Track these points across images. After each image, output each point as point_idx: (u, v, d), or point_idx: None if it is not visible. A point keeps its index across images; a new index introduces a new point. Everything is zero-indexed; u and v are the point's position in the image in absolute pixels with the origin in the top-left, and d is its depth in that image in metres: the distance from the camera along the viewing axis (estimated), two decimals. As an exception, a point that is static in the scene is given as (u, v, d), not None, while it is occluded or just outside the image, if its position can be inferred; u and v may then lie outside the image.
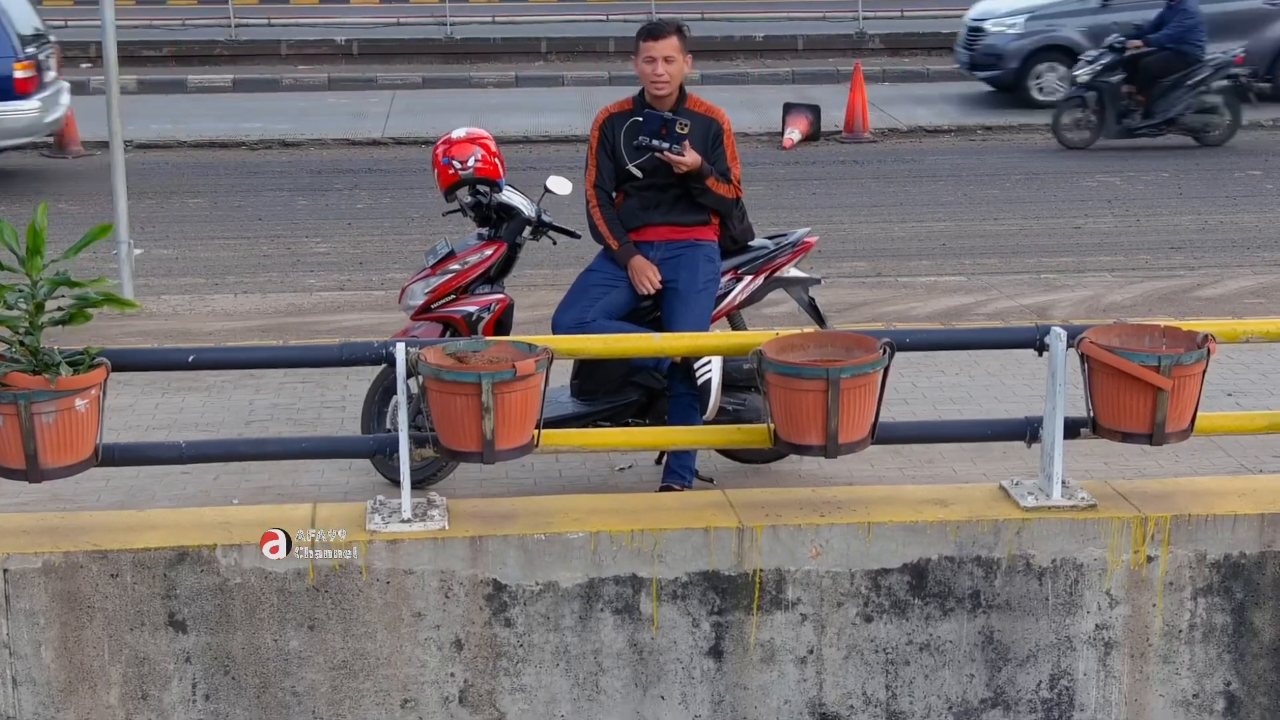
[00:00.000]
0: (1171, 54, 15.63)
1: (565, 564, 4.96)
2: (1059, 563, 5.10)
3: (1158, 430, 4.95)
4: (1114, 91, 15.71)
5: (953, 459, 6.71)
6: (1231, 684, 5.25)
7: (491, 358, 4.90)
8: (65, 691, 4.89)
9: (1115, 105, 15.72)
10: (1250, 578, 5.17)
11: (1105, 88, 15.71)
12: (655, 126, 6.03)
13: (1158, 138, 15.82)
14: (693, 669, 5.08)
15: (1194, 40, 15.63)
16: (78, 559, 4.81)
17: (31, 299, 4.65)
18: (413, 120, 17.63)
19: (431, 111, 17.98)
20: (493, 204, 6.44)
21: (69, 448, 4.72)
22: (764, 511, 5.09)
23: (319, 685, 4.97)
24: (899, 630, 5.12)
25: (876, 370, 4.91)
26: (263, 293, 10.28)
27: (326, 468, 6.59)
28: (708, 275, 6.15)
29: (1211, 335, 5.01)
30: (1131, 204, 13.57)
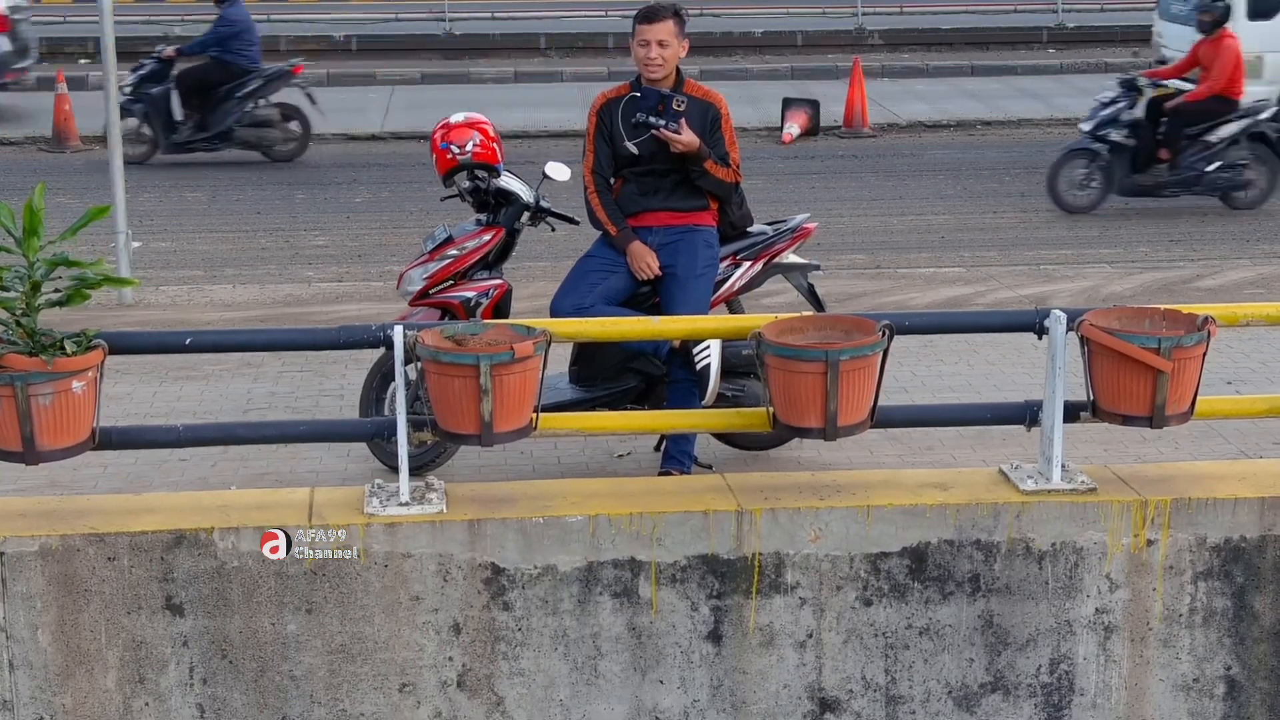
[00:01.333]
0: (215, 63, 14.78)
1: (564, 547, 4.94)
2: (1059, 546, 5.08)
3: (1158, 413, 4.93)
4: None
5: (952, 446, 6.70)
6: (1232, 668, 5.23)
7: (490, 340, 4.89)
8: (62, 675, 4.87)
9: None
10: (1250, 561, 5.15)
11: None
12: (653, 103, 6.02)
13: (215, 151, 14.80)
14: (691, 653, 5.07)
15: (237, 49, 14.65)
16: (74, 542, 4.79)
17: (28, 279, 4.63)
18: (411, 115, 17.60)
19: (430, 107, 17.92)
20: (491, 189, 6.43)
21: (66, 430, 4.70)
22: (763, 495, 5.08)
23: (317, 669, 4.95)
24: (898, 614, 5.10)
25: (876, 353, 4.89)
26: (261, 284, 10.28)
27: (324, 455, 6.58)
28: (706, 260, 6.14)
29: (1212, 318, 4.99)
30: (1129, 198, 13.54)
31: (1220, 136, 12.63)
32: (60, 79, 16.73)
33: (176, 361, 7.69)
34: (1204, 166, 12.63)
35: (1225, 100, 12.69)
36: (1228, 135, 12.63)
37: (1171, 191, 12.83)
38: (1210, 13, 12.81)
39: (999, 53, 22.44)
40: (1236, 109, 12.73)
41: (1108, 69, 20.95)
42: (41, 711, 4.88)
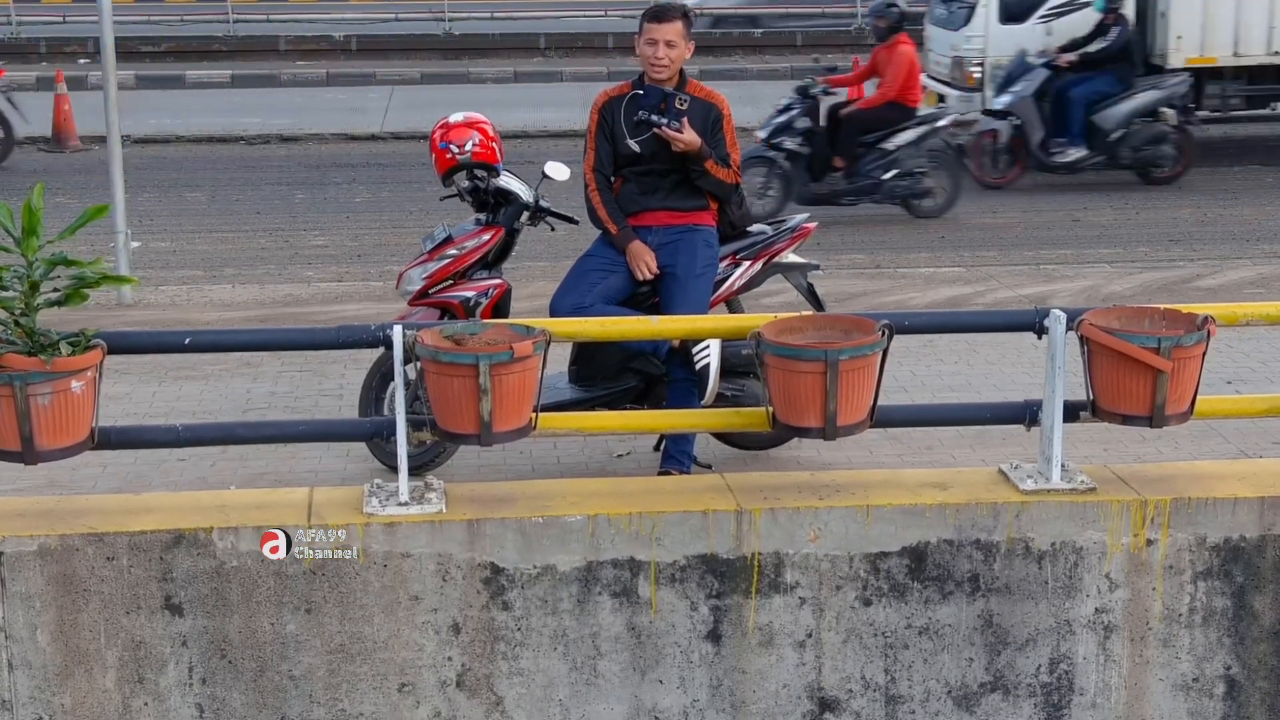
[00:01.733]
0: None
1: (563, 547, 4.94)
2: (1058, 546, 5.08)
3: (1157, 412, 4.93)
4: None
5: (951, 446, 6.70)
6: (1231, 668, 5.23)
7: (489, 340, 4.88)
8: (61, 675, 4.86)
9: None
10: (1250, 561, 5.15)
11: None
12: (655, 101, 6.02)
13: None
14: (691, 653, 5.06)
15: None
16: (74, 542, 4.79)
17: (27, 279, 4.62)
18: (411, 115, 17.61)
19: (430, 107, 17.91)
20: (490, 189, 6.42)
21: (65, 429, 4.70)
22: (762, 495, 5.07)
23: (316, 669, 4.95)
24: (898, 614, 5.09)
25: (875, 352, 4.89)
26: (260, 284, 10.28)
27: (324, 454, 6.58)
28: (706, 260, 6.14)
29: (1211, 317, 4.99)
30: (1130, 198, 13.57)
31: (896, 144, 12.45)
32: (60, 79, 16.74)
33: (175, 361, 7.69)
34: (880, 174, 12.47)
35: (901, 107, 12.56)
36: (903, 143, 12.45)
37: (849, 200, 12.66)
38: (885, 18, 12.73)
39: (998, 53, 22.40)
40: (913, 116, 12.60)
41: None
42: (40, 711, 4.87)
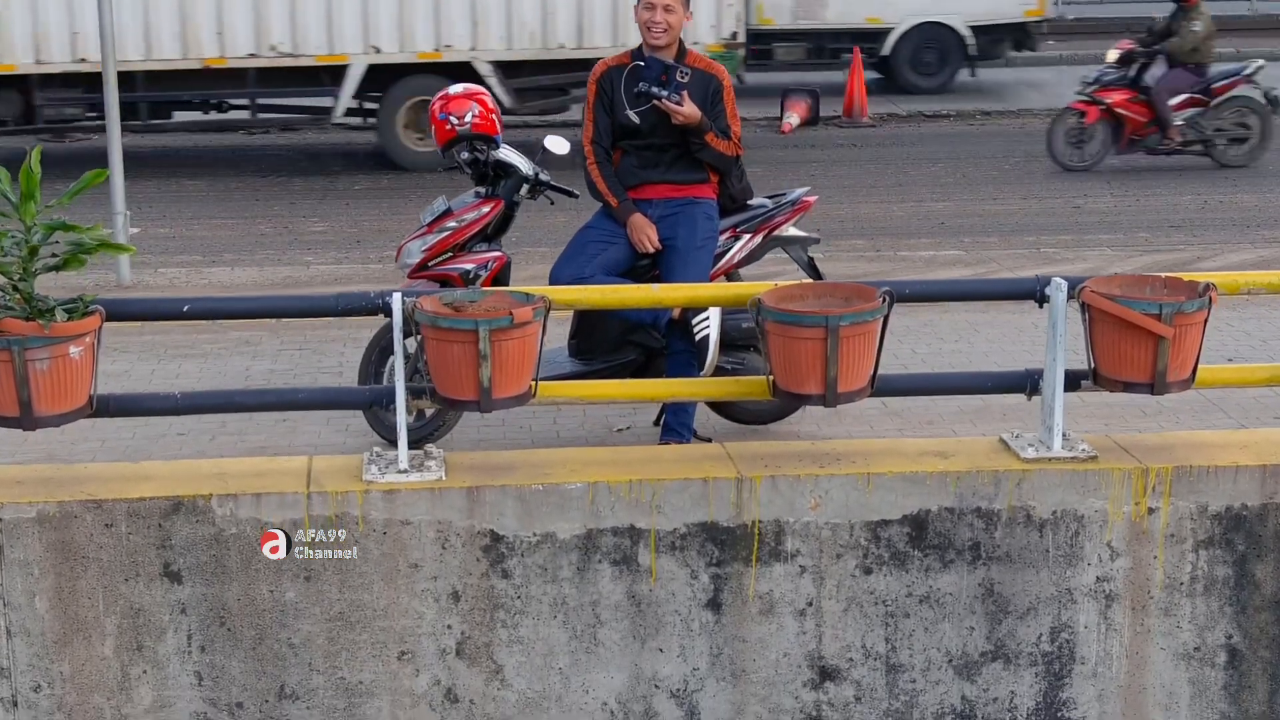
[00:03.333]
0: None
1: (563, 515, 4.93)
2: (1059, 514, 5.06)
3: (1159, 380, 4.91)
4: None
5: (952, 420, 6.68)
6: (1233, 637, 5.21)
7: (489, 307, 4.87)
8: (60, 643, 4.85)
9: None
10: (1252, 530, 5.13)
11: None
12: (656, 73, 6.00)
13: None
14: (691, 621, 5.05)
15: None
16: (72, 509, 4.77)
17: (25, 244, 4.61)
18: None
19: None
20: (490, 161, 6.41)
21: (63, 395, 4.68)
22: (763, 463, 5.06)
23: (315, 637, 4.93)
24: (898, 582, 5.08)
25: (876, 319, 4.87)
26: (260, 267, 10.27)
27: (323, 429, 6.57)
28: (706, 233, 6.12)
29: (1213, 284, 4.98)
30: (1130, 184, 13.56)
31: None
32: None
33: (175, 339, 7.69)
34: None
35: None
36: None
37: None
38: None
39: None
40: None
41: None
42: (39, 679, 4.86)
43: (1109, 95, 13.53)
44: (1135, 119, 13.56)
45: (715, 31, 14.11)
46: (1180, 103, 13.58)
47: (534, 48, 13.99)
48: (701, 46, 13.49)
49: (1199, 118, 13.68)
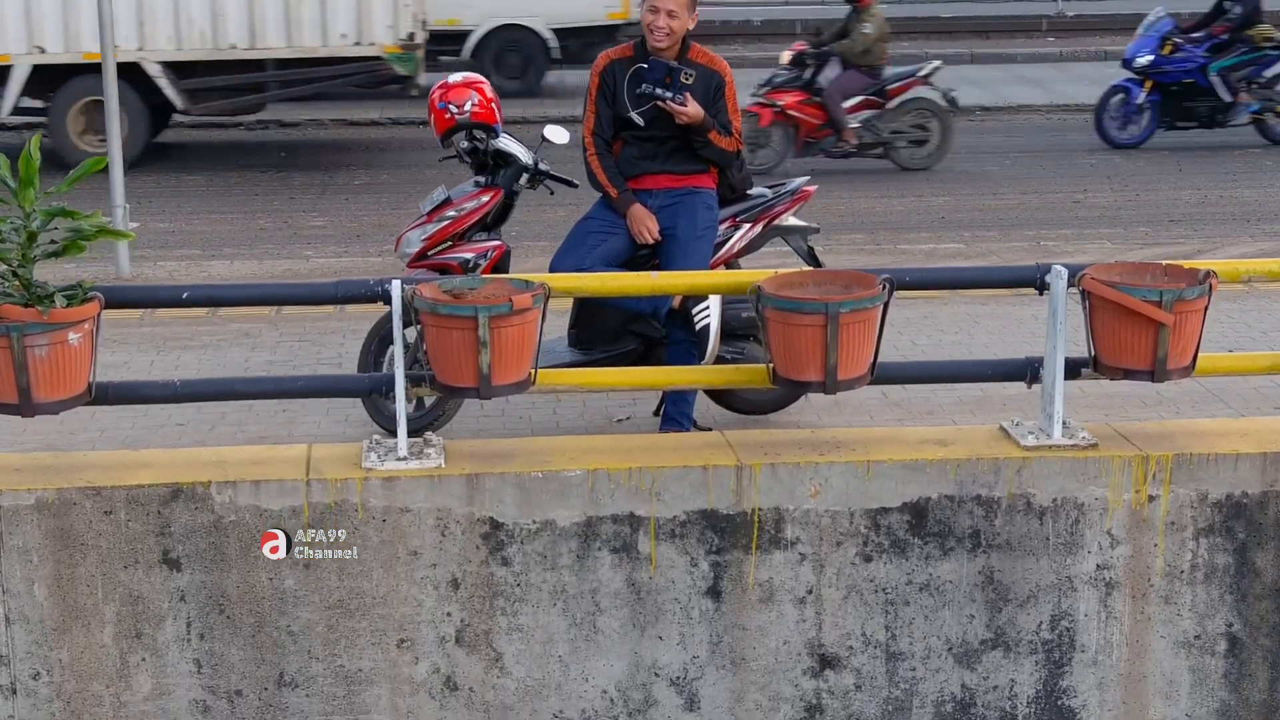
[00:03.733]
0: None
1: (563, 502, 4.92)
2: (1060, 502, 5.06)
3: (1159, 366, 4.91)
4: None
5: (952, 411, 6.67)
6: (1233, 625, 5.21)
7: (488, 294, 4.86)
8: (59, 630, 4.84)
9: None
10: (1252, 517, 5.13)
11: None
12: (660, 75, 5.99)
13: None
14: (691, 609, 5.04)
15: None
16: (71, 496, 4.77)
17: (24, 230, 4.60)
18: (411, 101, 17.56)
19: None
20: (489, 150, 6.40)
21: (62, 382, 4.67)
22: (763, 450, 5.05)
23: (314, 624, 4.93)
24: (898, 570, 5.07)
25: (876, 306, 4.87)
26: (259, 261, 10.25)
27: (323, 420, 6.55)
28: (706, 222, 6.11)
29: (1213, 272, 4.97)
30: (1130, 180, 13.55)
31: None
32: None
33: (174, 331, 7.68)
34: None
35: None
36: None
37: None
38: None
39: (999, 41, 22.43)
40: None
41: (1107, 57, 20.97)
42: (38, 666, 4.85)
43: (781, 97, 13.27)
44: (809, 121, 13.31)
45: (393, 32, 13.86)
46: (855, 105, 13.34)
47: (205, 48, 13.62)
48: (378, 47, 13.47)
49: (875, 120, 13.46)
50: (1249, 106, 14.54)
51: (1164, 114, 14.60)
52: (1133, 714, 5.23)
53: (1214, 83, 14.38)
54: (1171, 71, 14.36)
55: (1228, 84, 14.41)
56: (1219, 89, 14.40)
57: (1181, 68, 14.40)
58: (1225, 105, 14.51)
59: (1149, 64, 14.40)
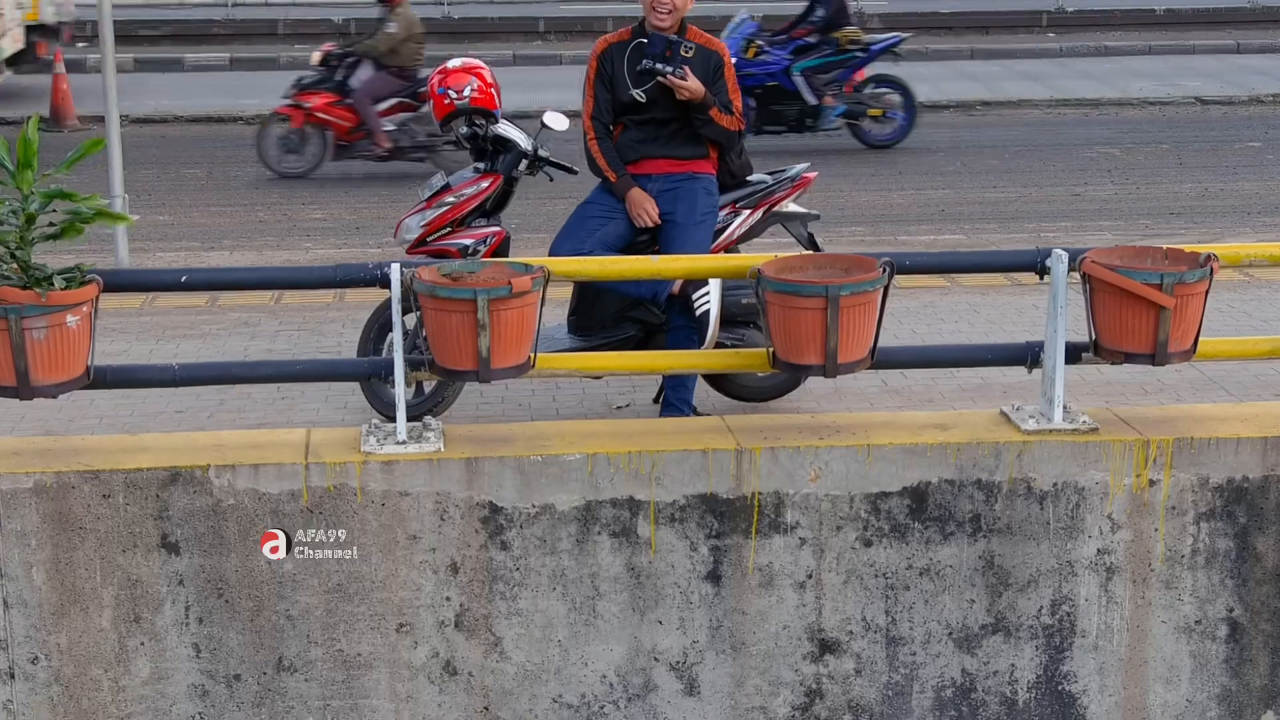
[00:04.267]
0: None
1: (562, 486, 4.91)
2: (1060, 486, 5.05)
3: (1160, 349, 4.89)
4: None
5: (952, 399, 6.67)
6: (1234, 610, 5.20)
7: (487, 277, 4.85)
8: (57, 614, 4.83)
9: None
10: (1253, 502, 5.11)
11: None
12: (659, 49, 5.98)
13: None
14: (690, 593, 5.03)
15: None
16: (69, 479, 4.75)
17: (23, 212, 4.59)
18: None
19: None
20: (488, 135, 6.39)
21: (60, 364, 4.66)
22: (763, 435, 5.04)
23: (313, 609, 4.91)
24: (899, 555, 5.06)
25: (876, 289, 4.86)
26: (259, 252, 10.24)
27: (321, 407, 6.55)
28: (706, 208, 6.10)
29: (1214, 255, 4.96)
30: (1131, 173, 13.53)
31: None
32: (59, 59, 16.69)
33: (173, 320, 7.67)
34: None
35: None
36: None
37: None
38: None
39: (998, 37, 22.39)
40: None
41: (1107, 52, 20.96)
42: (36, 650, 4.84)
43: (309, 99, 13.03)
44: (340, 124, 13.03)
45: None
46: (388, 108, 13.06)
47: None
48: None
49: (411, 122, 13.13)
50: (836, 110, 14.03)
51: (755, 118, 14.05)
52: (1133, 699, 5.22)
53: (798, 85, 13.97)
54: (755, 74, 13.86)
55: (812, 86, 13.99)
56: (804, 91, 13.96)
57: (765, 70, 13.98)
58: (813, 109, 14.00)
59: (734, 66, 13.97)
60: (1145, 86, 18.06)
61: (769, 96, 14.04)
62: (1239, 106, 16.34)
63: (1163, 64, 19.89)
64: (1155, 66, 19.66)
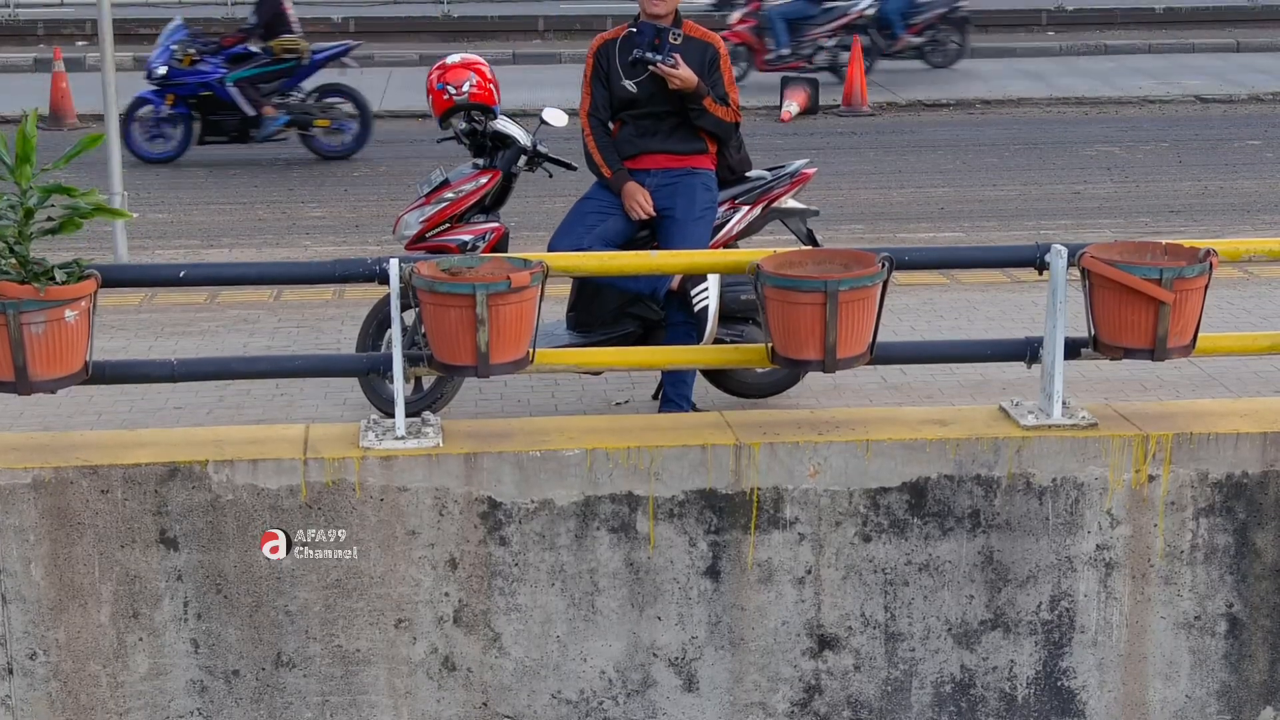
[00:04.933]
0: None
1: (561, 481, 4.90)
2: (1059, 482, 5.04)
3: (1159, 345, 4.89)
4: None
5: (952, 394, 6.67)
6: (1234, 606, 5.19)
7: (486, 272, 4.85)
8: (55, 610, 4.83)
9: None
10: (1253, 497, 5.11)
11: None
12: (649, 37, 5.99)
13: None
14: (689, 589, 5.03)
15: None
16: (68, 475, 4.75)
17: (22, 207, 4.58)
18: (409, 95, 17.53)
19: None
20: (487, 131, 6.39)
21: (59, 359, 4.66)
22: (761, 430, 5.04)
23: (312, 604, 4.91)
24: (898, 550, 5.06)
25: (875, 284, 4.85)
26: (258, 250, 10.25)
27: (320, 403, 6.54)
28: (705, 203, 6.10)
29: (1214, 250, 4.96)
30: (1131, 171, 13.55)
31: None
32: (58, 57, 16.71)
33: (172, 317, 7.67)
34: None
35: None
36: None
37: None
38: None
39: (998, 35, 22.39)
40: None
41: (1107, 50, 20.97)
42: (34, 646, 4.84)
43: None
44: None
45: None
46: None
47: None
48: None
49: None
50: (277, 120, 13.84)
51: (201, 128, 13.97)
52: (1132, 695, 5.22)
53: (233, 95, 13.70)
54: (189, 84, 13.69)
55: (249, 97, 13.78)
56: (239, 101, 13.71)
57: (201, 80, 13.74)
58: (253, 119, 13.80)
59: (165, 76, 13.65)
60: (1145, 85, 18.07)
61: (206, 106, 13.84)
62: (1239, 105, 16.36)
63: (1163, 62, 19.92)
64: (1155, 65, 19.68)
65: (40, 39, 21.63)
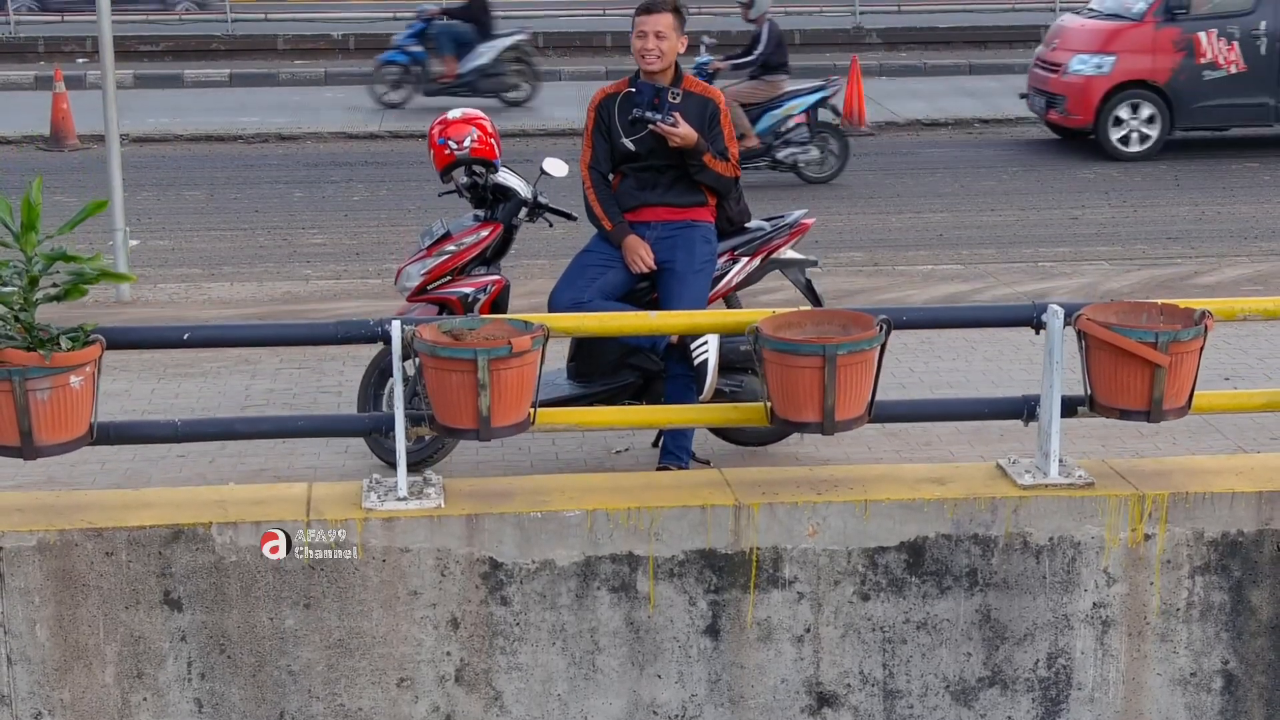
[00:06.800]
0: None
1: (562, 542, 4.94)
2: (1056, 541, 5.08)
3: (1155, 407, 4.93)
4: None
5: (949, 442, 6.70)
6: (1229, 662, 5.23)
7: (487, 335, 4.89)
8: (60, 670, 4.87)
9: None
10: (1248, 556, 5.15)
11: None
12: (648, 97, 6.04)
13: None
14: (689, 648, 5.07)
15: None
16: (73, 537, 4.79)
17: (26, 274, 4.63)
18: (409, 114, 17.61)
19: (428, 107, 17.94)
20: (489, 185, 6.43)
21: (64, 425, 4.70)
22: (761, 490, 5.08)
23: (315, 664, 4.95)
24: (896, 609, 5.10)
25: (873, 347, 4.89)
26: (259, 281, 10.28)
27: (322, 451, 6.58)
28: (704, 256, 6.14)
29: (1209, 312, 5.00)
30: (1128, 195, 13.59)
31: None
32: (58, 77, 16.74)
33: (174, 358, 7.71)
34: None
35: None
36: None
37: None
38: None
39: (997, 51, 22.46)
40: None
41: (1105, 67, 20.98)
42: (40, 706, 4.88)
43: None
44: None
45: None
46: None
47: None
48: None
49: None
50: None
51: None
52: (1129, 750, 5.26)
53: None
54: None
55: None
56: None
57: None
58: None
59: None
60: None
61: None
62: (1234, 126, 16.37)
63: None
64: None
65: (40, 56, 21.67)
